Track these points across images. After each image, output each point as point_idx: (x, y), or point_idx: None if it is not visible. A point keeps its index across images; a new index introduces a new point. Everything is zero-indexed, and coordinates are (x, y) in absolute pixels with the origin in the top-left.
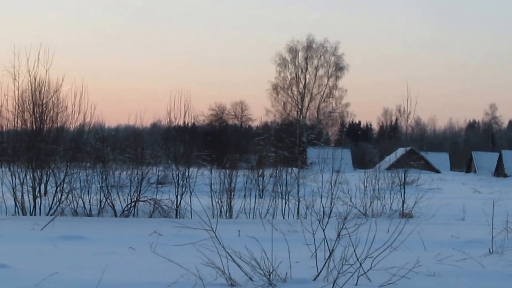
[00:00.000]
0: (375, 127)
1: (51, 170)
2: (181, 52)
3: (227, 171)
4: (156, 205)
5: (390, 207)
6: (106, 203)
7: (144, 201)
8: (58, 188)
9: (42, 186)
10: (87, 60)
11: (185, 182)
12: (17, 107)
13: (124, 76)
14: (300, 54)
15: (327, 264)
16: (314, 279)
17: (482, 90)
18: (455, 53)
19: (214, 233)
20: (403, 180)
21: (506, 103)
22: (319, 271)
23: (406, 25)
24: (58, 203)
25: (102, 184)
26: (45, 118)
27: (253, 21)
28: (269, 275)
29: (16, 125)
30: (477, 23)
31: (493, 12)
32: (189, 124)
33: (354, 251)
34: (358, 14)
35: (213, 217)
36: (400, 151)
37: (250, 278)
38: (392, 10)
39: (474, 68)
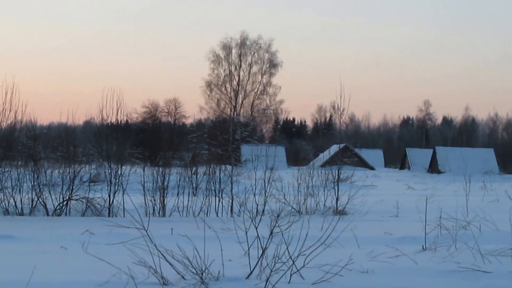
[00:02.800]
0: (310, 124)
1: None
2: (115, 49)
3: (160, 169)
4: (88, 204)
5: (324, 204)
6: (38, 202)
7: (76, 199)
8: None
9: None
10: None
11: (117, 180)
12: None
13: (57, 75)
14: (234, 51)
15: (260, 262)
16: (247, 277)
17: (416, 86)
18: (388, 48)
19: (146, 231)
20: (337, 177)
21: (440, 100)
22: (252, 269)
23: (338, 21)
24: None
25: (33, 182)
26: None
27: (187, 17)
28: (202, 273)
29: None
30: (406, 17)
31: (421, 3)
32: (122, 122)
33: (287, 248)
34: (291, 10)
35: (146, 216)
36: (334, 148)
37: (183, 277)
38: (323, 6)
39: (408, 63)
